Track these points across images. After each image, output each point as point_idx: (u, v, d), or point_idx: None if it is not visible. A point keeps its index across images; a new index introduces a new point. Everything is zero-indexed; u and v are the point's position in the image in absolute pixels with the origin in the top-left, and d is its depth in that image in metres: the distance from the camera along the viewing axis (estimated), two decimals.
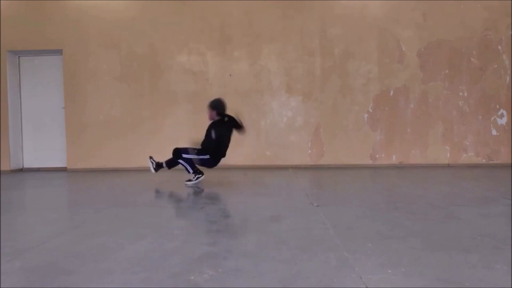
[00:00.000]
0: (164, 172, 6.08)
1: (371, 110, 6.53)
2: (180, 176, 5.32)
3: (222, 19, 6.60)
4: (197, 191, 4.17)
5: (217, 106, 4.65)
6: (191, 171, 4.52)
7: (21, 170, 6.94)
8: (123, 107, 6.72)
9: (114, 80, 6.71)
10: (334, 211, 3.03)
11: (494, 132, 6.42)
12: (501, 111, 6.42)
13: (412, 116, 6.50)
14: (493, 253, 1.95)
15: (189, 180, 4.55)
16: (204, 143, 4.53)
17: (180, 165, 4.61)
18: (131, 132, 6.69)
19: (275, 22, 6.55)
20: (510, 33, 6.37)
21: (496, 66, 6.39)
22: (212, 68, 6.64)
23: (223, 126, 4.57)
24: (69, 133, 6.75)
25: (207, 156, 4.46)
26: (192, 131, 6.62)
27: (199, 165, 4.54)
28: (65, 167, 6.86)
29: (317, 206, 3.20)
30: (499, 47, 6.39)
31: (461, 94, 6.45)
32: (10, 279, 1.72)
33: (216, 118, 4.63)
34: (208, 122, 4.76)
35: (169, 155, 4.70)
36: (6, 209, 3.34)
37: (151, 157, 4.90)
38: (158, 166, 4.77)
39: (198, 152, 4.46)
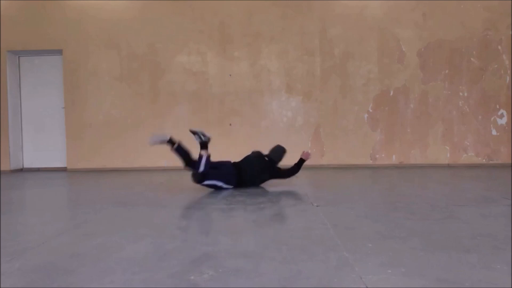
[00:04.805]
0: (164, 173, 6.09)
1: (371, 110, 6.53)
2: (180, 177, 5.32)
3: (222, 19, 6.60)
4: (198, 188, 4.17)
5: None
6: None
7: (21, 170, 6.94)
8: (123, 107, 6.72)
9: (114, 80, 6.72)
10: (334, 211, 3.03)
11: (494, 132, 6.42)
12: (501, 111, 6.42)
13: (412, 116, 6.50)
14: (493, 253, 1.95)
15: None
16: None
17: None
18: (131, 132, 6.70)
19: (275, 22, 6.55)
20: (510, 33, 6.37)
21: (496, 66, 6.40)
22: (212, 68, 6.64)
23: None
24: (69, 133, 6.76)
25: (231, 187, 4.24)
26: None
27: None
28: (65, 167, 6.87)
29: (317, 206, 3.20)
30: (499, 47, 6.39)
31: (461, 94, 6.45)
32: (10, 279, 1.72)
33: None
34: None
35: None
36: (6, 209, 3.34)
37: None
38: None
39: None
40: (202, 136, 4.07)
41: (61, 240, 2.35)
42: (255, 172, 4.29)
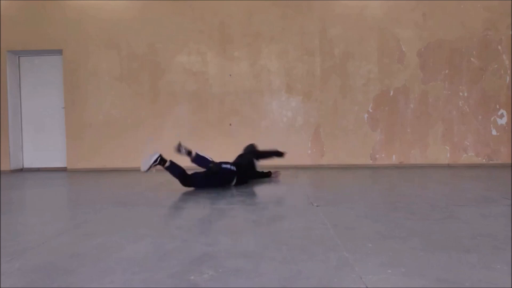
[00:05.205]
0: (164, 173, 6.08)
1: (371, 110, 6.53)
2: None
3: (222, 19, 6.60)
4: (195, 190, 4.16)
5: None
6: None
7: (21, 170, 6.94)
8: (123, 107, 6.72)
9: (114, 80, 6.72)
10: (334, 211, 3.03)
11: (494, 132, 6.42)
12: (501, 111, 6.42)
13: (412, 116, 6.50)
14: (493, 253, 1.94)
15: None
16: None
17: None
18: (131, 132, 6.70)
19: (275, 22, 6.56)
20: (510, 33, 6.37)
21: (496, 66, 6.40)
22: (212, 68, 6.64)
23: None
24: (69, 133, 6.76)
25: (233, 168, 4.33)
26: (192, 131, 6.64)
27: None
28: (65, 167, 6.87)
29: (317, 206, 3.20)
30: (499, 47, 6.39)
31: (461, 94, 6.45)
32: (10, 279, 1.72)
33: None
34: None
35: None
36: (6, 209, 3.34)
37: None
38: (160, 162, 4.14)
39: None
40: (182, 144, 4.28)
41: (61, 240, 2.35)
42: (254, 164, 4.74)
